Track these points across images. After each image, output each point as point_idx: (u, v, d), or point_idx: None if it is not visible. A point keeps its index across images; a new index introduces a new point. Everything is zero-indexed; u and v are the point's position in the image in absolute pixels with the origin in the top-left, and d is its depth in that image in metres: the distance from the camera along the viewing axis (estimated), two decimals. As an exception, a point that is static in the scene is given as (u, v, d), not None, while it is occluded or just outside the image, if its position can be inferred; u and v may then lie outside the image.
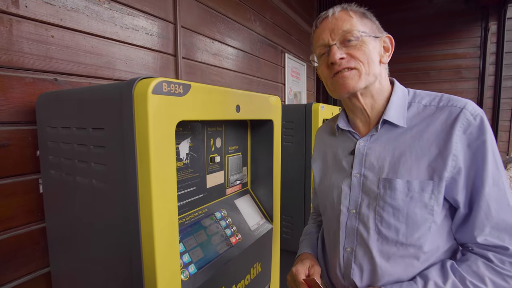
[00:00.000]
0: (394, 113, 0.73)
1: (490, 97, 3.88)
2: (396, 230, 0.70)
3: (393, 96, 0.75)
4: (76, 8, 1.07)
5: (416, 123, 0.71)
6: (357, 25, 0.71)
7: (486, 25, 3.80)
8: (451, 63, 4.01)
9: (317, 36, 0.76)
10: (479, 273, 0.64)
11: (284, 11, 2.72)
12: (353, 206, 0.76)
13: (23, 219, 0.95)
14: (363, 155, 0.76)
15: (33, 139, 0.97)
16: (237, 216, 1.08)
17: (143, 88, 0.62)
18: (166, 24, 1.47)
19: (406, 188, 0.68)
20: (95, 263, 0.80)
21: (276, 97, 1.16)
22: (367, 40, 0.71)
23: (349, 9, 0.73)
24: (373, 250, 0.72)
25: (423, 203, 0.67)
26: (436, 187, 0.66)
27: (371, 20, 0.75)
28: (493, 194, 0.64)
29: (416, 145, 0.69)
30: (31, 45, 0.96)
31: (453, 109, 0.68)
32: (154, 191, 0.63)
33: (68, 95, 0.83)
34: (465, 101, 0.68)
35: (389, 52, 0.77)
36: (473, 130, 0.65)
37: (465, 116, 0.66)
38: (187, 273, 0.78)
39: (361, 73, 0.71)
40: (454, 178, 0.66)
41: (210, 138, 1.00)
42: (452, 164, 0.65)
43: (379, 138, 0.75)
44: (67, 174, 0.83)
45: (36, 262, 0.99)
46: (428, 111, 0.71)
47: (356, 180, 0.76)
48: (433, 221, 0.68)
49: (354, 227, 0.76)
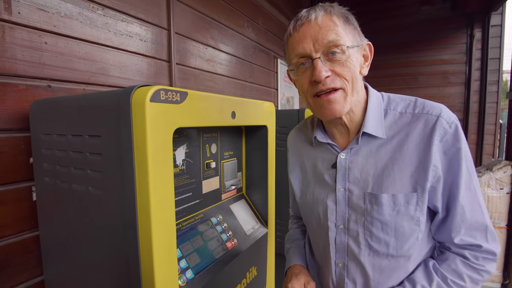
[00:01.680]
0: (372, 124, 0.71)
1: (476, 102, 3.99)
2: (386, 243, 0.70)
3: (369, 105, 0.72)
4: (69, 14, 1.07)
5: (395, 132, 0.70)
6: (342, 35, 0.65)
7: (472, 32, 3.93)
8: (438, 68, 4.11)
9: (295, 41, 0.67)
10: (458, 271, 0.68)
11: (276, 17, 2.76)
12: (340, 221, 0.75)
13: (15, 227, 0.94)
14: (345, 169, 0.74)
15: (26, 146, 0.96)
16: (233, 221, 1.08)
17: (141, 96, 0.62)
18: (160, 30, 1.48)
19: (392, 203, 0.69)
20: (92, 270, 0.79)
21: (270, 103, 1.18)
22: (352, 53, 0.66)
23: (333, 13, 0.66)
24: (365, 264, 0.73)
25: (409, 215, 0.68)
26: (420, 198, 0.67)
27: (353, 25, 0.68)
28: (466, 198, 0.67)
29: (397, 157, 0.69)
30: (24, 52, 0.95)
31: (429, 118, 0.67)
32: (152, 198, 0.63)
33: (63, 102, 0.83)
34: (439, 108, 0.68)
35: (368, 61, 0.72)
36: (448, 138, 0.66)
37: (441, 125, 0.66)
38: (184, 278, 0.78)
39: (346, 95, 0.67)
40: (433, 186, 0.67)
41: (206, 144, 1.01)
42: (433, 174, 0.66)
43: (360, 150, 0.73)
44: (62, 182, 0.82)
45: (29, 271, 0.97)
46: (405, 119, 0.70)
47: (341, 195, 0.74)
48: (420, 231, 0.69)
49: (344, 243, 0.75)
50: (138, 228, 0.66)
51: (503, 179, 2.60)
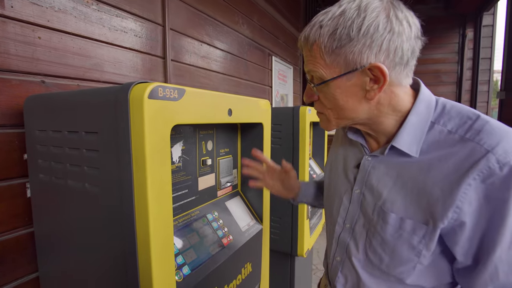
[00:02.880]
0: (406, 140, 0.61)
1: (467, 101, 4.06)
2: (381, 259, 0.67)
3: (411, 116, 0.61)
4: (63, 9, 1.06)
5: (432, 152, 0.59)
6: (320, 66, 0.59)
7: (464, 31, 3.99)
8: (431, 67, 4.17)
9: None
10: None
11: (271, 15, 2.76)
12: (349, 221, 0.74)
13: (9, 224, 0.93)
14: (366, 172, 0.69)
15: (19, 142, 0.95)
16: (228, 217, 1.09)
17: (139, 92, 0.62)
18: (155, 26, 1.47)
19: (397, 225, 0.62)
20: (88, 267, 0.79)
21: (266, 100, 1.18)
22: (333, 84, 0.59)
23: (313, 43, 0.59)
24: (358, 267, 0.72)
25: (411, 244, 0.62)
26: (429, 234, 0.59)
27: (345, 47, 0.56)
28: (506, 258, 0.55)
29: (420, 180, 0.59)
30: (17, 47, 0.94)
31: (476, 148, 0.54)
32: (150, 195, 0.64)
33: (59, 98, 0.82)
34: (498, 138, 0.53)
35: (380, 83, 0.57)
36: (496, 181, 0.52)
37: (488, 163, 0.52)
38: (181, 274, 0.79)
39: (329, 120, 0.65)
40: (453, 229, 0.58)
41: (202, 141, 1.01)
42: (453, 216, 0.56)
43: (385, 160, 0.66)
44: (58, 178, 0.82)
45: (24, 268, 0.96)
46: (450, 141, 0.58)
47: (356, 196, 0.71)
48: (419, 262, 0.63)
49: (345, 241, 0.75)
50: (135, 224, 0.66)
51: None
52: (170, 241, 0.71)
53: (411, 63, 0.60)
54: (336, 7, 0.57)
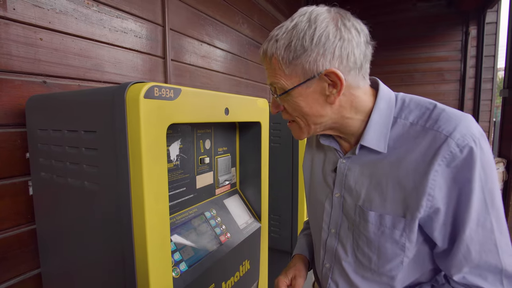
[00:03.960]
0: (373, 137, 0.64)
1: (471, 99, 4.03)
2: (369, 259, 0.68)
3: (374, 114, 0.64)
4: (64, 10, 1.08)
5: (399, 146, 0.62)
6: (280, 77, 0.62)
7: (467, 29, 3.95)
8: (434, 65, 4.14)
9: None
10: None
11: (271, 14, 2.76)
12: (333, 225, 0.75)
13: (12, 221, 0.96)
14: (343, 175, 0.71)
15: (22, 141, 0.97)
16: (226, 215, 1.10)
17: (135, 92, 0.64)
18: (155, 26, 1.48)
19: (378, 222, 0.65)
20: (87, 263, 0.81)
21: (264, 99, 1.20)
22: (294, 93, 0.62)
23: (271, 56, 0.62)
24: (349, 271, 0.73)
25: (393, 239, 0.64)
26: (408, 226, 0.61)
27: (300, 57, 0.59)
28: (475, 236, 0.57)
29: (393, 175, 0.62)
30: (19, 48, 0.96)
31: (437, 136, 0.57)
32: (146, 192, 0.65)
33: (59, 98, 0.84)
34: (455, 124, 0.57)
35: (338, 87, 0.60)
36: (459, 164, 0.55)
37: (448, 148, 0.55)
38: (178, 270, 0.80)
39: (301, 127, 0.67)
40: (430, 216, 0.60)
41: (200, 140, 1.03)
42: (428, 204, 0.58)
43: (358, 160, 0.69)
44: (58, 176, 0.84)
45: (26, 264, 0.99)
46: (413, 132, 0.61)
47: (337, 200, 0.73)
48: (405, 256, 0.64)
49: (333, 246, 0.75)
50: (132, 221, 0.68)
51: (494, 175, 2.65)
52: (167, 237, 0.73)
53: (365, 66, 0.63)
54: (289, 21, 0.61)
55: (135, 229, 0.68)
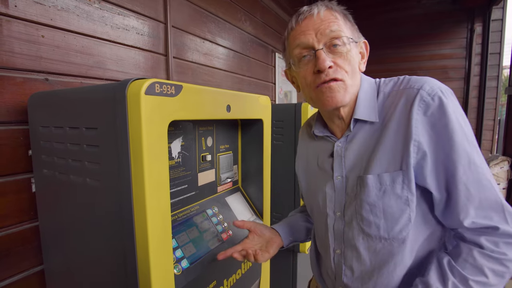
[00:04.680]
0: (363, 110, 0.71)
1: (475, 97, 3.99)
2: (377, 226, 0.69)
3: (360, 92, 0.73)
4: (66, 8, 1.08)
5: (385, 113, 0.70)
6: (344, 28, 0.68)
7: (472, 26, 3.91)
8: (438, 63, 4.10)
9: (297, 34, 0.69)
10: (477, 266, 0.61)
11: (274, 11, 2.75)
12: (338, 208, 0.76)
13: (15, 218, 0.96)
14: (341, 157, 0.75)
15: (24, 138, 0.97)
16: (228, 213, 1.10)
17: (136, 89, 0.64)
18: (157, 24, 1.48)
19: (378, 183, 0.67)
20: (89, 259, 0.82)
21: (266, 97, 1.19)
22: (352, 46, 0.69)
23: (334, 9, 0.69)
24: (360, 249, 0.72)
25: (396, 194, 0.66)
26: (406, 176, 0.65)
27: (351, 22, 0.72)
28: (470, 174, 0.61)
29: (384, 137, 0.68)
30: (21, 45, 0.96)
31: (410, 91, 0.66)
32: (147, 189, 0.65)
33: (61, 95, 0.84)
34: (423, 81, 0.66)
35: (365, 58, 0.74)
36: (434, 111, 0.62)
37: (422, 98, 0.63)
38: (179, 267, 0.80)
39: (347, 86, 0.69)
40: (419, 163, 0.64)
41: (202, 137, 1.02)
42: (415, 150, 0.63)
43: (354, 137, 0.73)
44: (61, 173, 0.84)
45: (29, 261, 0.99)
46: (391, 98, 0.70)
47: (339, 182, 0.75)
48: (411, 211, 0.66)
49: (341, 229, 0.76)
50: (134, 217, 0.68)
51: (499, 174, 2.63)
52: (168, 234, 0.73)
53: None
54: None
55: (137, 226, 0.68)
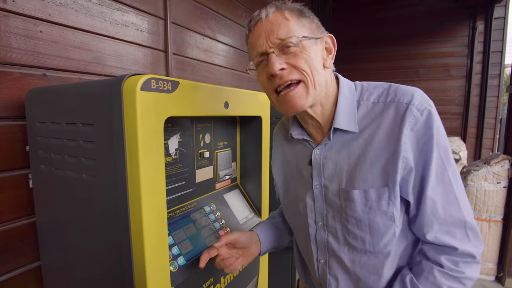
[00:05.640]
0: (343, 119, 0.69)
1: (477, 95, 3.98)
2: (362, 240, 0.69)
3: (340, 98, 0.70)
4: (65, 3, 1.07)
5: (367, 124, 0.68)
6: (295, 28, 0.64)
7: (474, 24, 3.88)
8: (440, 61, 4.08)
9: (252, 42, 0.68)
10: (437, 284, 0.64)
11: (275, 8, 2.73)
12: (319, 218, 0.75)
13: (12, 213, 0.96)
14: (320, 165, 0.73)
15: (22, 134, 0.97)
16: (226, 210, 1.10)
17: (131, 84, 0.63)
18: (157, 20, 1.47)
19: (363, 198, 0.67)
20: (85, 255, 0.82)
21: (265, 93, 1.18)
22: (307, 44, 0.64)
23: (284, 9, 0.66)
24: (345, 260, 0.72)
25: (382, 211, 0.66)
26: (392, 193, 0.65)
27: (309, 18, 0.67)
28: (438, 190, 0.63)
29: (369, 150, 0.67)
30: (19, 40, 0.96)
31: (399, 106, 0.65)
32: (143, 185, 0.65)
33: (57, 91, 0.84)
34: (411, 93, 0.65)
35: (332, 53, 0.70)
36: (420, 126, 0.63)
37: (411, 113, 0.63)
38: (176, 264, 0.80)
39: (308, 87, 0.65)
40: (405, 178, 0.65)
41: (199, 134, 1.02)
42: (402, 166, 0.63)
43: (334, 145, 0.71)
44: (57, 169, 0.84)
45: (26, 256, 1.00)
46: (377, 109, 0.68)
47: (318, 191, 0.73)
48: (396, 226, 0.67)
49: (324, 239, 0.75)
50: (129, 213, 0.67)
51: (500, 173, 2.61)
52: (164, 230, 0.72)
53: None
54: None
55: (132, 222, 0.68)
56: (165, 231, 0.73)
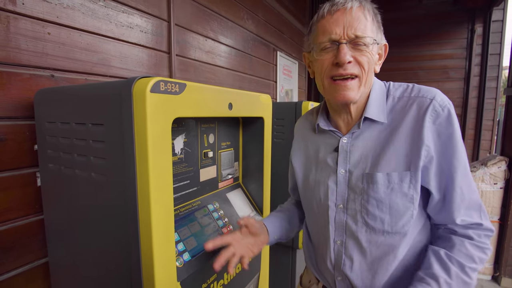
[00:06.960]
0: (374, 110, 0.76)
1: (475, 97, 4.01)
2: (382, 220, 0.74)
3: (372, 92, 0.78)
4: (72, 5, 1.10)
5: (394, 116, 0.75)
6: (370, 29, 0.71)
7: (473, 27, 3.92)
8: (438, 63, 4.12)
9: (327, 24, 0.71)
10: (469, 255, 0.70)
11: (276, 10, 2.76)
12: (340, 201, 0.80)
13: (21, 211, 0.98)
14: (347, 152, 0.79)
15: (30, 133, 0.99)
16: (229, 208, 1.13)
17: (141, 86, 0.66)
18: (160, 21, 1.50)
19: (386, 181, 0.73)
20: (93, 252, 0.84)
21: (267, 95, 1.21)
22: (373, 47, 0.72)
23: (366, 8, 0.71)
24: (362, 240, 0.77)
25: (403, 193, 0.72)
26: (414, 177, 0.71)
27: (379, 22, 0.75)
28: (465, 180, 0.71)
29: (394, 139, 0.73)
30: (28, 42, 0.98)
31: (423, 100, 0.72)
32: (152, 184, 0.67)
33: (68, 92, 0.86)
34: (434, 92, 0.73)
35: (381, 60, 0.78)
36: (442, 121, 0.70)
37: (434, 108, 0.70)
38: (181, 260, 0.83)
39: (361, 83, 0.73)
40: (426, 166, 0.71)
41: (204, 134, 1.05)
42: (425, 153, 0.70)
43: (361, 134, 0.78)
44: (66, 168, 0.86)
45: (34, 253, 1.02)
46: (402, 103, 0.75)
47: (342, 176, 0.79)
48: (414, 208, 0.73)
49: (342, 221, 0.80)
50: (138, 211, 0.70)
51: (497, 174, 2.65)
52: (171, 228, 0.75)
53: None
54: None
55: (141, 220, 0.70)
56: (172, 228, 0.75)
